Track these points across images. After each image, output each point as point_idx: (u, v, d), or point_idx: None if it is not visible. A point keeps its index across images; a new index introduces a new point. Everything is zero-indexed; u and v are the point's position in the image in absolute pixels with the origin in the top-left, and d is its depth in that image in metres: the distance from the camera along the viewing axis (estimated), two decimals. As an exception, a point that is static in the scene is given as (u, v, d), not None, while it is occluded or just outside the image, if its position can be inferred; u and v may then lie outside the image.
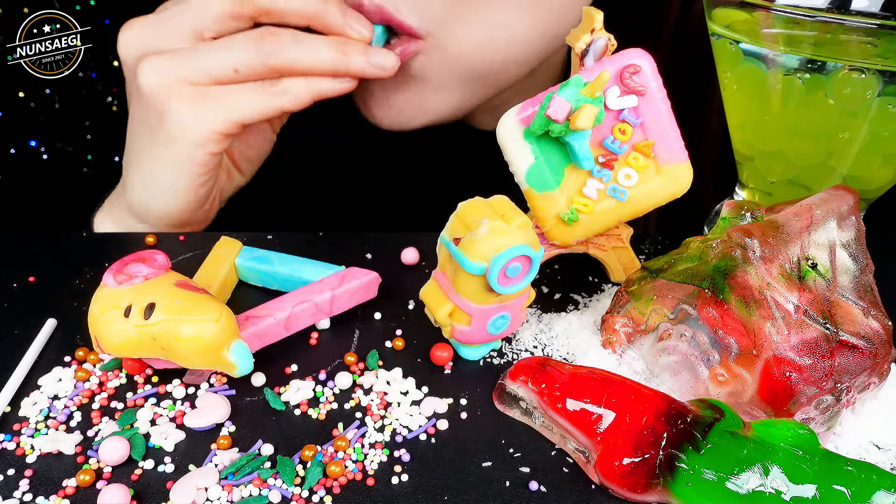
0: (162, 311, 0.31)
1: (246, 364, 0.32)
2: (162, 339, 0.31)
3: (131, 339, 0.31)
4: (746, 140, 0.44)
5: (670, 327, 0.34)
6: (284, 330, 0.37)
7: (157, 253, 0.34)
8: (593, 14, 0.35)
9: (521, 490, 0.30)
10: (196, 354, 0.31)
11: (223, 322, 0.32)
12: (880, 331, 0.31)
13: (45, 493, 0.29)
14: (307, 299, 0.37)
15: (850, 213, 0.33)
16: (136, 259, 0.33)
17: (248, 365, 0.33)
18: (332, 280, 0.39)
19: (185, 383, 0.35)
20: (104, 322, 0.31)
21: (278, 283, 0.41)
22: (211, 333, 0.31)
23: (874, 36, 0.37)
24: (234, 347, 0.32)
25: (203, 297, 0.32)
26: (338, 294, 0.38)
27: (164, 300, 0.31)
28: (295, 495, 0.29)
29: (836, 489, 0.27)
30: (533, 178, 0.37)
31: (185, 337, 0.31)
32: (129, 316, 0.31)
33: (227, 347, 0.32)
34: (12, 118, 0.58)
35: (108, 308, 0.31)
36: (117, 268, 0.32)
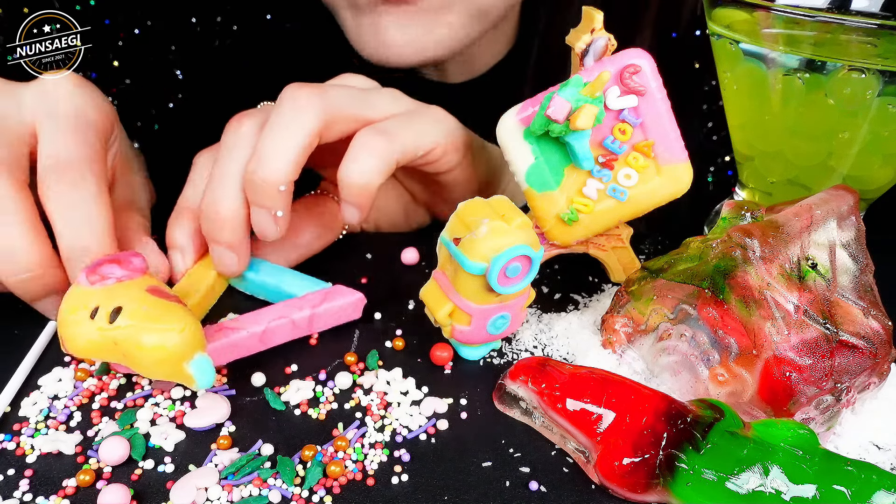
0: (127, 315, 0.30)
1: (206, 378, 0.31)
2: (123, 345, 0.30)
3: (93, 341, 0.30)
4: (746, 140, 0.44)
5: (670, 327, 0.34)
6: (260, 343, 0.36)
7: (135, 255, 0.33)
8: (593, 14, 0.35)
9: (521, 490, 0.30)
10: (156, 364, 0.30)
11: (187, 333, 0.30)
12: (880, 331, 0.31)
13: (45, 493, 0.29)
14: (284, 315, 0.36)
15: (850, 213, 0.33)
16: (112, 260, 0.32)
17: (208, 379, 0.31)
18: (315, 297, 0.38)
19: (155, 390, 0.34)
20: (71, 322, 0.30)
21: (265, 293, 0.41)
22: (173, 343, 0.30)
23: (874, 36, 0.37)
24: (195, 360, 0.31)
25: (171, 306, 0.31)
26: (318, 313, 0.37)
27: (131, 305, 0.30)
28: (295, 495, 0.29)
29: (836, 489, 0.27)
30: (533, 178, 0.37)
31: (147, 346, 0.30)
32: (95, 318, 0.30)
33: (189, 360, 0.30)
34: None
35: (76, 308, 0.30)
36: (92, 267, 0.31)
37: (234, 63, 0.62)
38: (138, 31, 0.59)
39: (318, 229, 0.45)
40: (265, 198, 0.37)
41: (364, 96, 0.40)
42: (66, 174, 0.35)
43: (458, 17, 0.49)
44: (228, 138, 0.39)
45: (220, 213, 0.37)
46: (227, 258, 0.39)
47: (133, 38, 0.59)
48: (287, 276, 0.41)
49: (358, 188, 0.38)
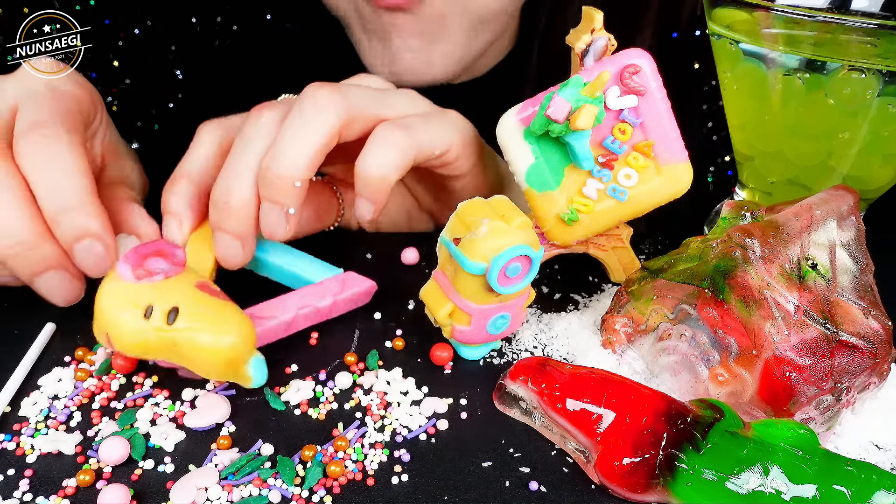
0: (186, 317, 0.30)
1: (262, 377, 0.32)
2: (183, 347, 0.30)
3: (150, 341, 0.30)
4: (746, 140, 0.44)
5: (670, 327, 0.34)
6: (285, 330, 0.37)
7: (176, 247, 0.32)
8: (593, 14, 0.35)
9: (521, 490, 0.30)
10: (216, 365, 0.30)
11: (245, 334, 0.31)
12: (880, 331, 0.31)
13: (45, 493, 0.29)
14: (310, 304, 0.37)
15: (850, 213, 0.33)
16: (155, 252, 0.31)
17: (263, 377, 0.32)
18: (334, 285, 0.38)
19: (181, 375, 0.34)
20: (121, 321, 0.30)
21: (268, 271, 0.40)
22: (234, 345, 0.30)
23: (874, 36, 0.37)
24: (253, 361, 0.31)
25: (226, 305, 0.31)
26: (339, 300, 0.38)
27: (187, 305, 0.30)
28: (295, 495, 0.29)
29: (836, 489, 0.27)
30: (533, 178, 0.37)
31: (208, 348, 0.30)
32: (150, 318, 0.30)
33: (248, 361, 0.31)
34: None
35: (125, 305, 0.30)
36: (136, 261, 0.30)
37: (234, 63, 0.62)
38: (138, 31, 0.59)
39: (310, 214, 0.44)
40: (279, 193, 0.36)
41: (382, 96, 0.40)
42: (37, 131, 0.34)
43: (456, 31, 0.49)
44: (247, 128, 0.38)
45: (231, 203, 0.37)
46: (231, 248, 0.37)
47: (133, 38, 0.59)
48: (298, 259, 0.40)
49: (376, 181, 0.38)
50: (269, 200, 0.36)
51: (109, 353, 0.36)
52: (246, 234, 0.37)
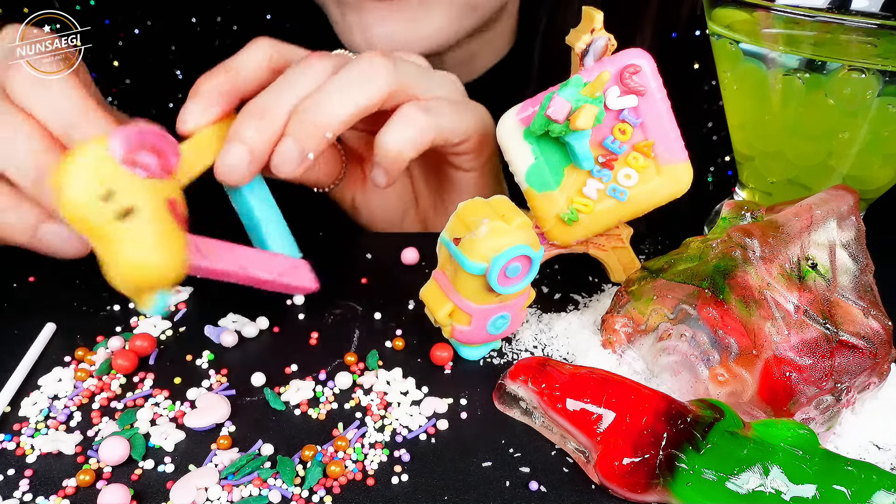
0: (136, 224, 0.28)
1: (157, 310, 0.30)
2: (112, 245, 0.28)
3: (90, 220, 0.28)
4: (746, 140, 0.44)
5: (670, 327, 0.34)
6: (212, 276, 0.34)
7: (175, 153, 0.30)
8: (593, 14, 0.35)
9: (521, 490, 0.30)
10: (127, 281, 0.29)
11: (175, 270, 0.29)
12: (880, 331, 0.31)
13: (45, 493, 0.29)
14: (251, 270, 0.35)
15: (850, 213, 0.33)
16: (154, 147, 0.29)
17: (159, 310, 0.30)
18: (283, 266, 0.37)
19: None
20: (80, 186, 0.28)
21: (240, 206, 0.39)
22: (159, 273, 0.29)
23: (874, 36, 0.37)
24: (161, 294, 0.30)
25: (178, 235, 0.30)
26: (278, 282, 0.37)
27: (145, 214, 0.28)
28: (295, 495, 0.29)
29: (836, 489, 0.27)
30: (533, 178, 0.37)
31: (134, 261, 0.28)
32: (107, 202, 0.28)
33: (157, 292, 0.29)
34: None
35: (93, 176, 0.28)
36: (133, 144, 0.28)
37: None
38: (138, 31, 0.59)
39: (316, 167, 0.44)
40: (307, 136, 0.37)
41: (427, 78, 0.41)
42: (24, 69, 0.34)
43: (444, 12, 0.49)
44: (300, 66, 0.38)
45: (261, 119, 0.36)
46: (239, 160, 0.36)
47: (133, 38, 0.59)
48: (272, 219, 0.39)
49: (393, 154, 0.40)
50: (294, 138, 0.37)
51: (110, 354, 0.36)
52: (260, 152, 0.36)
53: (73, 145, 0.33)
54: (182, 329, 0.39)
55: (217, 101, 0.37)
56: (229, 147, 0.36)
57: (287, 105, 0.37)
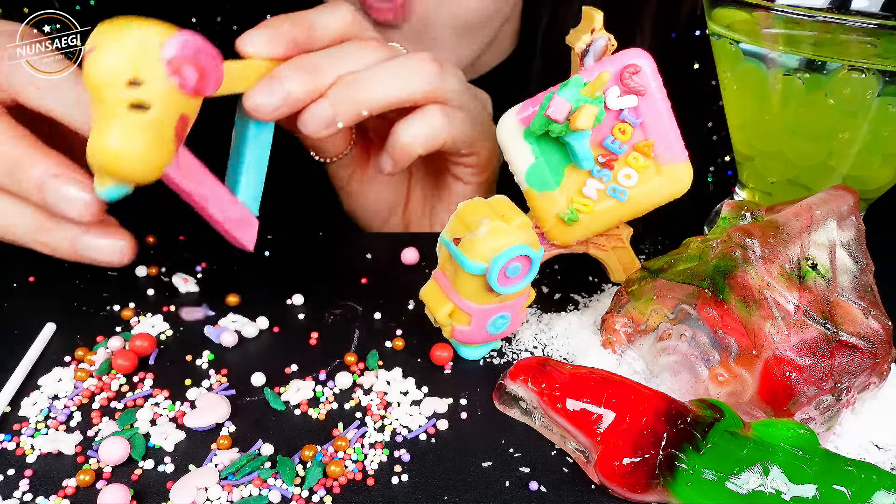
0: (140, 118, 0.28)
1: (107, 194, 0.30)
2: (109, 123, 0.28)
3: (104, 92, 0.28)
4: (746, 140, 0.44)
5: (670, 327, 0.34)
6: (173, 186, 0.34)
7: (220, 79, 0.30)
8: (593, 14, 0.35)
9: (521, 490, 0.30)
10: (103, 161, 0.28)
11: (145, 179, 0.29)
12: (880, 331, 0.31)
13: (45, 493, 0.29)
14: (208, 203, 0.35)
15: (850, 213, 0.33)
16: (202, 67, 0.29)
17: (109, 195, 0.30)
18: (235, 215, 0.36)
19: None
20: (115, 64, 0.28)
21: (237, 137, 0.39)
22: (128, 171, 0.29)
23: (874, 36, 0.37)
24: (119, 187, 0.30)
25: (170, 147, 0.30)
26: (222, 225, 0.36)
27: (152, 115, 0.28)
28: (295, 495, 0.29)
29: (836, 489, 0.27)
30: (533, 178, 0.37)
31: (116, 148, 0.28)
32: (130, 88, 0.28)
33: (121, 184, 0.29)
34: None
35: (133, 60, 0.28)
36: (186, 53, 0.29)
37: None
38: None
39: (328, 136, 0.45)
40: (343, 107, 0.38)
41: (463, 90, 0.43)
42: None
43: (447, 39, 0.50)
44: (357, 44, 0.40)
45: (308, 76, 0.37)
46: (275, 98, 0.36)
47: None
48: (255, 166, 0.38)
49: (402, 147, 0.42)
50: (331, 102, 0.38)
51: (110, 354, 0.36)
52: (294, 102, 0.37)
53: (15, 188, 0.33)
54: (182, 329, 0.39)
55: (283, 45, 0.38)
56: (270, 85, 0.36)
57: (336, 72, 0.38)
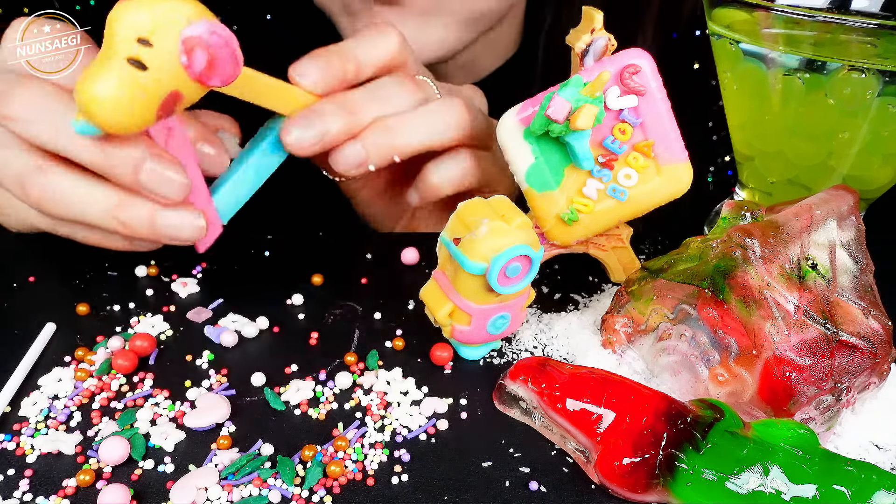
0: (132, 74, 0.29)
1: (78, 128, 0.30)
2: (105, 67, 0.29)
3: (114, 38, 0.29)
4: (746, 140, 0.44)
5: (670, 327, 0.34)
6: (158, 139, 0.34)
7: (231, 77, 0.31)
8: (593, 14, 0.35)
9: (521, 490, 0.30)
10: (83, 98, 0.29)
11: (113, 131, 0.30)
12: (880, 331, 0.31)
13: (45, 493, 0.29)
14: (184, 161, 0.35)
15: (850, 213, 0.33)
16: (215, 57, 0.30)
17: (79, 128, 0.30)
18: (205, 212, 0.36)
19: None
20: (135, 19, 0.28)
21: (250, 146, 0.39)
22: (102, 118, 0.29)
23: (874, 36, 0.37)
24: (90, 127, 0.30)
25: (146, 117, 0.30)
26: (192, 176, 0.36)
27: (145, 80, 0.29)
28: (295, 495, 0.29)
29: (836, 489, 0.27)
30: (533, 178, 0.37)
31: (101, 94, 0.29)
32: (136, 43, 0.28)
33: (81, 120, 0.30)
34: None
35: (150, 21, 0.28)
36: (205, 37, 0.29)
37: None
38: None
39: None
40: (378, 151, 0.39)
41: (488, 127, 0.43)
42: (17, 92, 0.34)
43: (449, 21, 0.49)
44: (394, 86, 0.40)
45: (348, 112, 0.38)
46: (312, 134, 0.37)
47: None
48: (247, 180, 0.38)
49: (431, 187, 0.43)
50: (365, 146, 0.39)
51: (110, 354, 0.36)
52: (331, 141, 0.38)
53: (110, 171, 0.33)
54: (182, 329, 0.39)
55: (333, 82, 0.39)
56: (310, 120, 0.37)
57: (374, 113, 0.39)
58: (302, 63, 0.38)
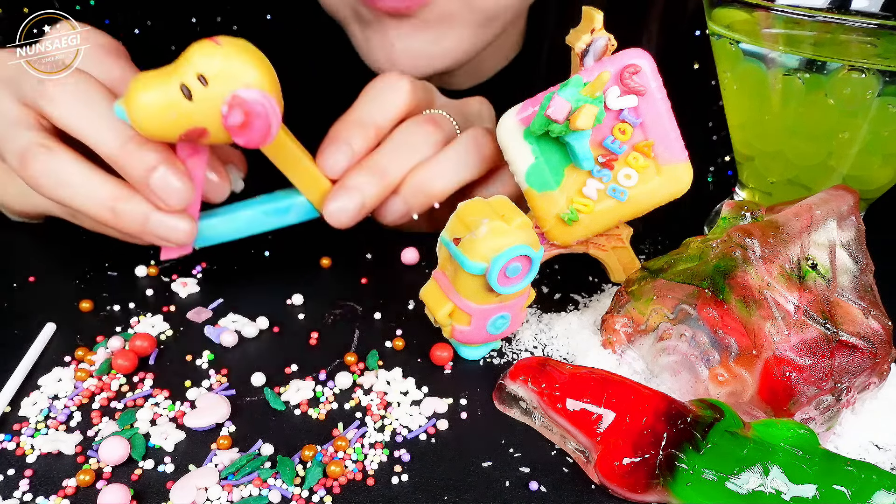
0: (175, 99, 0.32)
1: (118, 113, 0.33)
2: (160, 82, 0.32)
3: (181, 65, 0.32)
4: (746, 140, 0.44)
5: (670, 327, 0.34)
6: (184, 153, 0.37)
7: (259, 142, 0.34)
8: (593, 14, 0.35)
9: (521, 490, 0.30)
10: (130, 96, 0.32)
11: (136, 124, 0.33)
12: (880, 331, 0.31)
13: (45, 493, 0.29)
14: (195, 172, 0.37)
15: (850, 213, 0.33)
16: (251, 119, 0.33)
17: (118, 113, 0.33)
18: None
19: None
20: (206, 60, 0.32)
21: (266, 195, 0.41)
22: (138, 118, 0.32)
23: (874, 36, 0.37)
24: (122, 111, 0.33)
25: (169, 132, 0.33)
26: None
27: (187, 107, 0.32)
28: (295, 495, 0.29)
29: (836, 489, 0.27)
30: (533, 178, 0.37)
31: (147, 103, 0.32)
32: (194, 79, 0.32)
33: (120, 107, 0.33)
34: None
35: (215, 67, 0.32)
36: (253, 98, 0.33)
37: None
38: (138, 31, 0.59)
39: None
40: (418, 202, 0.41)
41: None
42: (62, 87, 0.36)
43: (463, 27, 0.49)
44: (414, 133, 0.41)
45: (380, 175, 0.40)
46: (353, 204, 0.39)
47: (133, 38, 0.59)
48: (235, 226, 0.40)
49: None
50: (405, 199, 0.40)
51: (110, 354, 0.36)
52: (371, 205, 0.40)
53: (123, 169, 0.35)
54: (182, 329, 0.39)
55: (359, 156, 0.40)
56: (347, 195, 0.39)
57: (403, 168, 0.40)
58: (328, 153, 0.40)
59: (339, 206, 0.39)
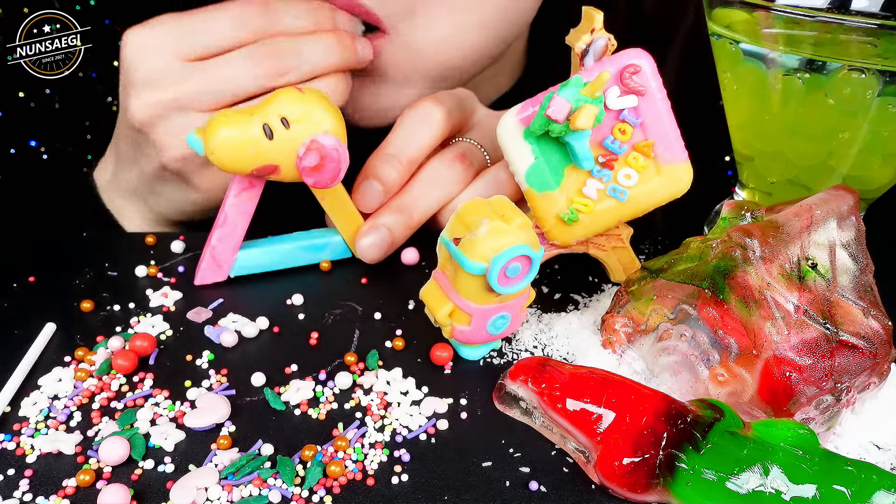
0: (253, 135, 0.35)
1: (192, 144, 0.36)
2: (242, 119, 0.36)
3: (269, 104, 0.36)
4: (746, 140, 0.44)
5: (670, 327, 0.34)
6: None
7: (328, 183, 0.37)
8: (593, 14, 0.35)
9: (521, 490, 0.30)
10: (211, 121, 0.36)
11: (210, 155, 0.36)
12: (880, 331, 0.31)
13: (45, 493, 0.29)
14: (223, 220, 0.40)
15: (850, 213, 0.33)
16: (325, 163, 0.36)
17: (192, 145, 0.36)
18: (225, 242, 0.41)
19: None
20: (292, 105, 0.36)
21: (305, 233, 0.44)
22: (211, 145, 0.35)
23: (874, 36, 0.37)
24: (191, 138, 0.36)
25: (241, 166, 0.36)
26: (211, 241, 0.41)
27: (266, 145, 0.35)
28: (295, 495, 0.29)
29: (836, 489, 0.27)
30: (533, 178, 0.37)
31: (226, 136, 0.35)
32: (276, 120, 0.35)
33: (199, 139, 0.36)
34: (12, 118, 0.58)
35: (298, 112, 0.36)
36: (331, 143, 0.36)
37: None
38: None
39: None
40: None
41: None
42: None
43: (414, 84, 0.50)
44: (442, 169, 0.43)
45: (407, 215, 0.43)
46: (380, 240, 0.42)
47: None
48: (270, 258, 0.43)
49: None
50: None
51: (110, 354, 0.36)
52: (399, 241, 0.43)
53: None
54: (182, 329, 0.39)
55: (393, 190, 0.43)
56: (377, 233, 0.42)
57: (430, 206, 0.43)
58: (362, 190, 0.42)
59: (370, 243, 0.42)
